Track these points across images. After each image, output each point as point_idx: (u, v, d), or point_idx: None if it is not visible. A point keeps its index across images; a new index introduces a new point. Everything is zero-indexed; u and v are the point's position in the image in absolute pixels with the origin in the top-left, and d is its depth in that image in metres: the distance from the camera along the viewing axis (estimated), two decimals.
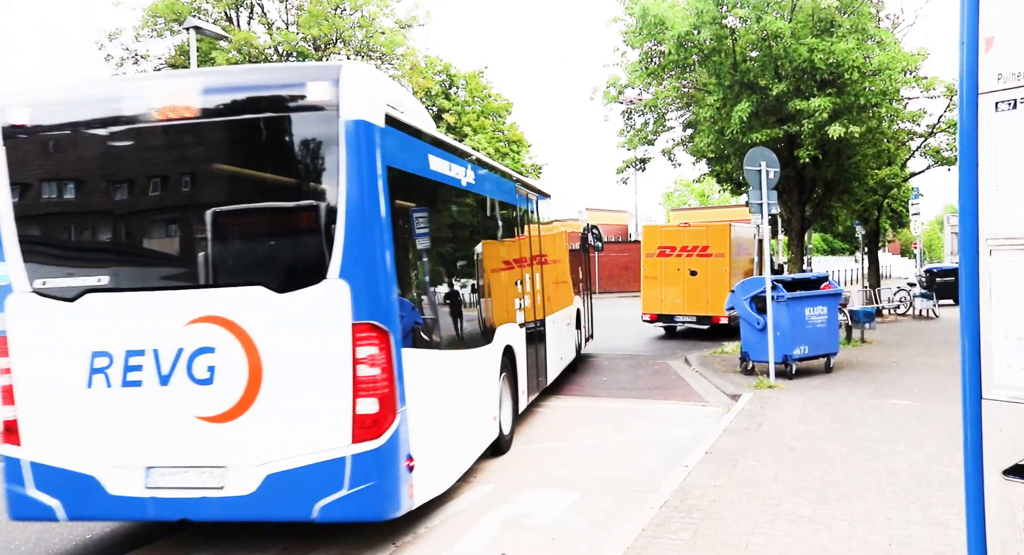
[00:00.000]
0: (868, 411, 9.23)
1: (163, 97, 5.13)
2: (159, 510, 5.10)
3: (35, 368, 5.25)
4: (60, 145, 5.37)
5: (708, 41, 15.26)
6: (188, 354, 5.02)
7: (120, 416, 5.12)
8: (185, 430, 5.03)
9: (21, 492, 5.22)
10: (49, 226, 5.45)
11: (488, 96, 42.17)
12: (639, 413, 10.03)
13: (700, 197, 68.02)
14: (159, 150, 5.29)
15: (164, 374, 5.04)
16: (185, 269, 5.27)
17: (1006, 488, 2.62)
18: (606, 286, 43.35)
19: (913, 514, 5.51)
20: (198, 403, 5.01)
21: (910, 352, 14.77)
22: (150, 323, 5.10)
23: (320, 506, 4.92)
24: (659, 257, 18.78)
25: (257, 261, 5.23)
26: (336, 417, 4.91)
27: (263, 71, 7.14)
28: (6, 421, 5.29)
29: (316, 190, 5.07)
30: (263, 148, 5.25)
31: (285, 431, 4.98)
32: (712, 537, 5.14)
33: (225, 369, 4.99)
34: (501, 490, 6.70)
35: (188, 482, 5.04)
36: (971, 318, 2.71)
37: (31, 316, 5.24)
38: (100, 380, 5.12)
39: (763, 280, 11.68)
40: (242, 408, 4.99)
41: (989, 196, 2.65)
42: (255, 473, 4.97)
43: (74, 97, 5.49)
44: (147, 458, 5.10)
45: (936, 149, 21.14)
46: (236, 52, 30.85)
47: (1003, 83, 2.59)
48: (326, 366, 4.94)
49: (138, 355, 5.07)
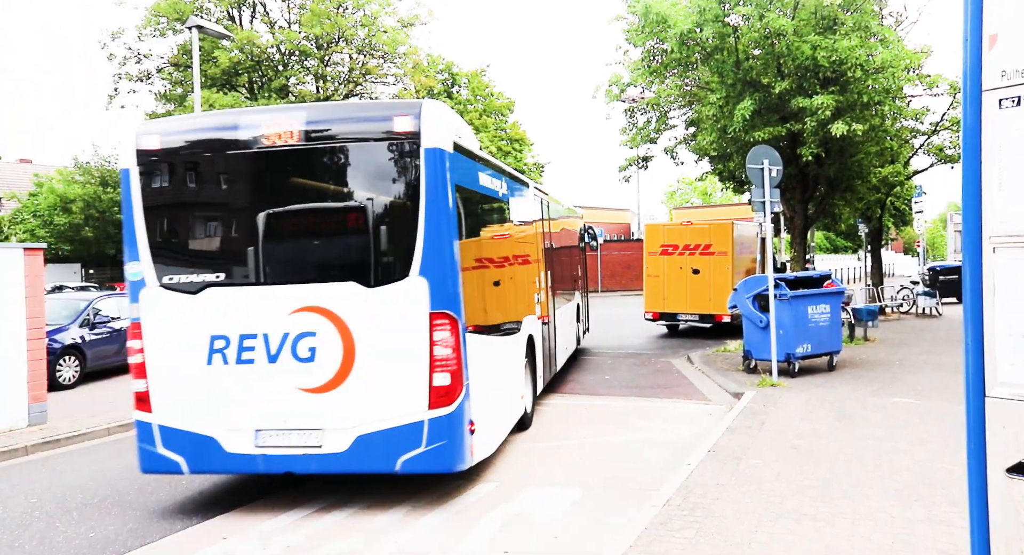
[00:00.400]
0: (871, 409, 9.22)
1: (272, 126, 6.24)
2: (267, 464, 6.21)
3: (163, 349, 6.32)
4: (184, 166, 6.53)
5: (710, 39, 15.23)
6: (293, 337, 6.12)
7: (235, 388, 6.21)
8: (289, 399, 6.12)
9: (152, 450, 6.36)
10: (174, 232, 6.63)
11: (490, 95, 42.15)
12: (642, 411, 10.03)
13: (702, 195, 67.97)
14: (267, 170, 6.44)
15: (272, 353, 6.15)
16: (290, 267, 6.36)
17: (1009, 486, 2.62)
18: (608, 285, 43.31)
19: (916, 512, 5.50)
20: (301, 377, 6.11)
21: (913, 350, 14.75)
22: (260, 312, 6.19)
23: (402, 460, 6.04)
24: (661, 255, 18.76)
25: (350, 262, 6.31)
26: (415, 388, 6.02)
27: (357, 106, 9.13)
28: (138, 392, 6.40)
29: (400, 204, 6.21)
30: (356, 169, 6.36)
31: (373, 400, 6.07)
32: (715, 535, 5.14)
33: (323, 349, 6.08)
34: (504, 488, 6.71)
35: (292, 442, 6.14)
36: (975, 316, 2.70)
37: (160, 306, 6.34)
38: (218, 358, 6.21)
39: (766, 278, 11.67)
40: (337, 381, 6.09)
41: (993, 194, 2.64)
42: (348, 434, 6.06)
43: (196, 126, 6.73)
44: (257, 422, 6.18)
45: (939, 147, 21.10)
46: (239, 51, 30.88)
47: (1007, 80, 2.58)
48: (408, 346, 6.04)
49: (251, 338, 6.17)
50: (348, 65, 33.52)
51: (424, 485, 6.85)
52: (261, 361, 6.15)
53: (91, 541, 5.79)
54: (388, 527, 5.84)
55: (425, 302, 6.00)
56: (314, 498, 6.66)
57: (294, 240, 6.46)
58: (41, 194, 38.11)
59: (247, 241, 6.42)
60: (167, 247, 6.50)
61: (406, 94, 34.08)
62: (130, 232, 6.45)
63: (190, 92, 29.50)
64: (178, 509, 6.49)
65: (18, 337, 9.78)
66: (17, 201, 38.44)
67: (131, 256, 6.46)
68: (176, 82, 33.32)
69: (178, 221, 6.65)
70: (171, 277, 6.35)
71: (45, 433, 9.42)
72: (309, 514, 6.25)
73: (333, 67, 33.79)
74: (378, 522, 5.97)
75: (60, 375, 12.88)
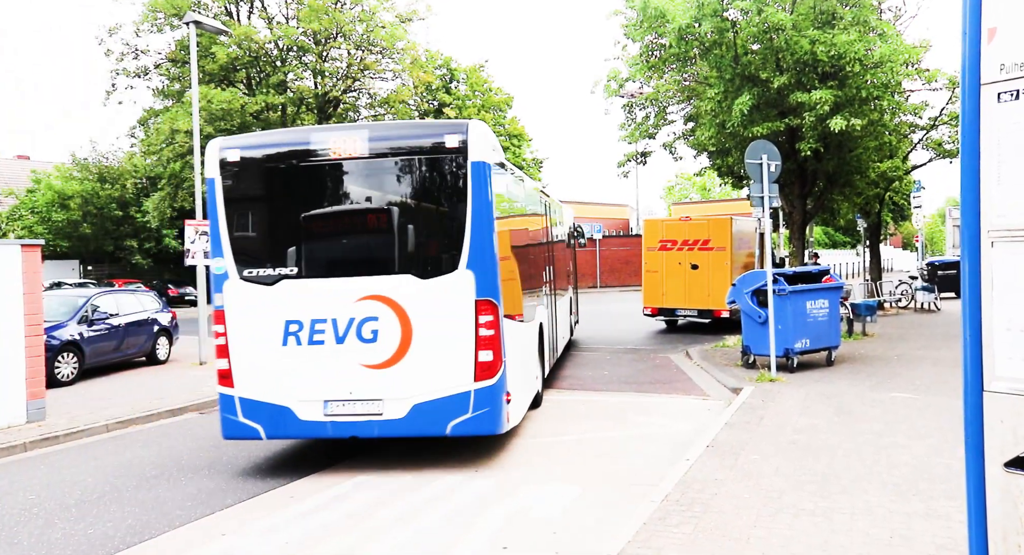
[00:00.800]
0: (869, 404, 9.23)
1: (339, 142, 7.21)
2: (335, 430, 7.18)
3: (244, 332, 7.26)
4: (261, 175, 7.53)
5: (709, 34, 15.20)
6: (358, 321, 7.11)
7: (306, 365, 7.14)
8: (354, 374, 7.10)
9: (234, 419, 7.32)
10: (253, 232, 7.54)
11: (489, 90, 42.07)
12: (640, 407, 10.04)
13: (701, 191, 67.93)
14: (334, 179, 7.42)
15: (340, 335, 7.11)
16: (354, 262, 7.33)
17: (1007, 480, 2.62)
18: (607, 280, 43.32)
19: (915, 507, 5.51)
20: (364, 355, 7.10)
21: (911, 345, 14.76)
22: (330, 300, 7.14)
23: (451, 425, 7.05)
24: (660, 251, 18.76)
25: (407, 257, 7.24)
26: (463, 364, 7.03)
27: (412, 125, 10.99)
28: (221, 370, 7.32)
29: (450, 208, 7.20)
30: (411, 178, 7.35)
31: (426, 374, 7.05)
32: (714, 530, 5.14)
33: (384, 332, 7.08)
34: (503, 484, 6.71)
35: (356, 410, 7.13)
36: (973, 310, 2.69)
37: (241, 296, 7.27)
38: (292, 340, 7.17)
39: (764, 273, 11.67)
40: (396, 359, 7.08)
41: (991, 188, 2.63)
42: (405, 403, 7.06)
43: (272, 141, 7.71)
44: (326, 394, 7.14)
45: (938, 142, 21.09)
46: (236, 46, 30.80)
47: (1006, 74, 2.57)
48: (456, 328, 7.04)
49: (321, 322, 7.14)
50: (346, 61, 33.45)
51: (422, 483, 6.86)
52: (330, 342, 7.12)
53: (90, 538, 5.79)
54: (388, 523, 5.85)
55: (471, 291, 7.03)
56: (313, 495, 6.67)
57: (357, 239, 7.49)
58: (39, 190, 38.05)
59: (317, 240, 7.48)
60: (247, 245, 7.43)
61: (403, 89, 34.02)
62: (215, 232, 7.37)
63: (188, 88, 29.45)
64: (176, 506, 6.50)
65: (16, 334, 9.76)
66: (15, 197, 38.38)
67: (215, 253, 7.37)
68: (174, 78, 33.27)
69: (256, 222, 7.61)
70: (250, 271, 7.30)
71: (43, 430, 9.41)
72: (308, 511, 6.25)
73: (331, 63, 33.72)
74: (378, 519, 5.97)
75: (58, 372, 12.87)
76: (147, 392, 12.04)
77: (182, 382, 13.01)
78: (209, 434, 9.35)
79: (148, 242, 39.59)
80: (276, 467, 7.65)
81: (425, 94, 38.33)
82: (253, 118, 31.38)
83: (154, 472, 7.63)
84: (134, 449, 8.71)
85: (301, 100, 33.48)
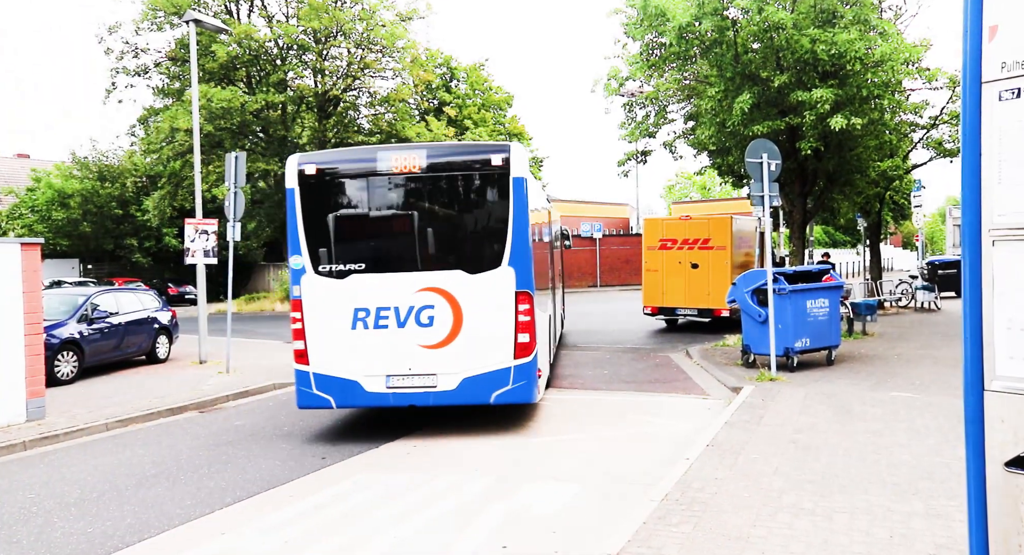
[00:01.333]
0: (870, 403, 9.22)
1: (401, 159, 8.47)
2: (396, 400, 8.45)
3: (318, 318, 8.49)
4: (334, 186, 8.74)
5: (709, 32, 15.18)
6: (416, 309, 8.38)
7: (372, 345, 8.41)
8: (413, 353, 8.39)
9: (308, 391, 8.54)
10: (327, 234, 8.59)
11: (489, 89, 42.03)
12: (640, 406, 10.03)
13: (701, 190, 67.89)
14: (397, 190, 8.70)
15: (401, 321, 8.40)
16: (413, 260, 8.54)
17: (1008, 480, 2.61)
18: (607, 279, 43.32)
19: (915, 506, 5.50)
20: (421, 337, 8.38)
21: (912, 344, 14.76)
22: (392, 291, 8.42)
23: (495, 395, 8.37)
24: (660, 250, 18.74)
25: (458, 256, 8.56)
26: (504, 344, 8.37)
27: (463, 146, 12.31)
28: (297, 350, 8.56)
29: (495, 216, 8.50)
30: (462, 190, 8.72)
31: (474, 353, 8.36)
32: (714, 530, 5.14)
33: (439, 318, 8.38)
34: (503, 482, 6.71)
35: (414, 383, 8.41)
36: (974, 309, 2.69)
37: (316, 288, 8.51)
38: (360, 324, 8.42)
39: (764, 272, 11.66)
40: (448, 340, 8.38)
41: (992, 187, 2.62)
42: (455, 377, 8.37)
43: (344, 157, 9.30)
44: (388, 369, 8.41)
45: (938, 141, 21.06)
46: (236, 45, 30.77)
47: (1007, 72, 2.56)
48: (499, 315, 8.36)
49: (385, 310, 8.42)
50: (346, 59, 33.40)
51: (421, 482, 6.85)
52: (392, 326, 8.40)
53: (89, 536, 5.79)
54: (387, 522, 5.84)
55: (512, 284, 8.37)
56: (312, 494, 6.66)
57: (416, 240, 8.61)
58: (39, 189, 38.02)
59: (381, 240, 8.75)
60: (321, 245, 8.56)
61: (404, 88, 33.97)
62: (293, 234, 8.55)
63: (188, 86, 29.41)
64: (176, 505, 6.49)
65: (16, 332, 9.76)
66: (15, 196, 38.35)
67: (294, 251, 8.56)
68: (174, 76, 33.22)
69: (330, 225, 8.63)
70: (324, 267, 8.52)
71: (43, 429, 9.41)
72: (308, 510, 6.24)
73: (331, 61, 33.67)
74: (377, 517, 5.97)
75: (58, 370, 12.86)
76: (147, 391, 12.03)
77: (182, 381, 13.01)
78: (209, 433, 9.35)
79: (148, 241, 39.58)
80: (275, 466, 7.65)
81: (425, 93, 38.31)
82: (253, 116, 31.35)
83: (154, 471, 7.62)
84: (134, 448, 8.71)
85: (301, 99, 33.46)
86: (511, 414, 9.42)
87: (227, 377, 13.23)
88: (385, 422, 9.49)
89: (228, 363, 13.85)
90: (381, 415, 9.89)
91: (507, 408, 9.31)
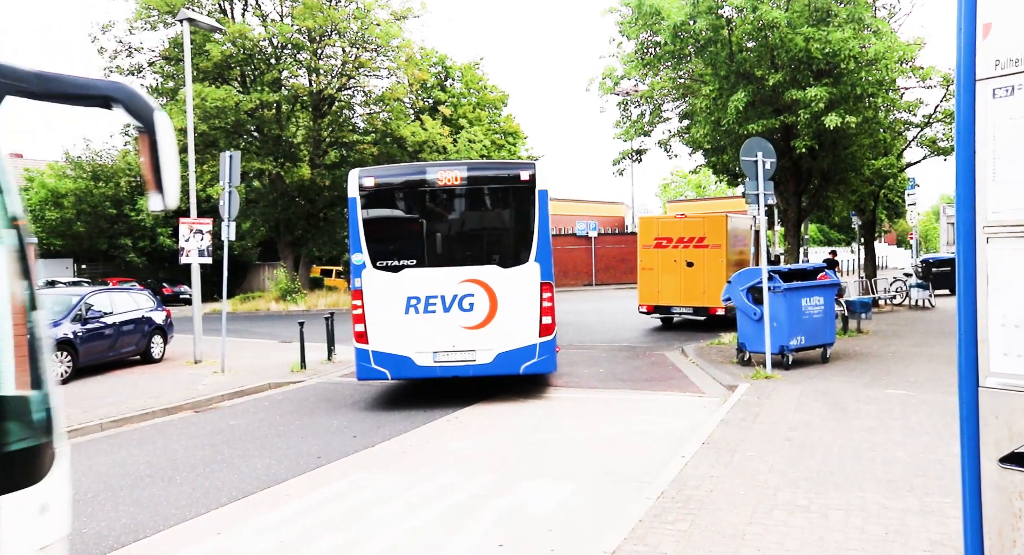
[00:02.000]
0: (864, 401, 9.25)
1: (446, 174, 10.17)
2: (442, 372, 10.14)
3: (376, 305, 10.06)
4: (389, 196, 10.47)
5: (704, 31, 15.20)
6: (459, 297, 10.08)
7: (422, 327, 9.99)
8: (456, 333, 10.06)
9: (368, 365, 10.14)
10: (383, 235, 10.24)
11: (484, 88, 41.99)
12: (636, 404, 10.04)
13: (696, 188, 67.96)
14: (442, 199, 10.49)
15: (446, 307, 10.07)
16: (457, 256, 10.37)
17: (1002, 476, 2.62)
18: (603, 278, 43.37)
19: (909, 503, 5.52)
20: (463, 320, 10.07)
21: (906, 342, 14.80)
22: (439, 282, 10.08)
23: (523, 366, 10.11)
24: (656, 248, 18.76)
25: (493, 253, 10.41)
26: (531, 325, 10.10)
27: (498, 164, 14.56)
28: (358, 331, 10.15)
29: (522, 220, 10.29)
30: (496, 199, 10.63)
31: (506, 332, 10.07)
32: (709, 527, 5.15)
33: (477, 304, 10.08)
34: (499, 481, 6.71)
35: (456, 358, 10.10)
36: (968, 306, 2.70)
37: (374, 280, 10.09)
38: (412, 310, 10.01)
39: (760, 271, 11.68)
40: (485, 322, 10.09)
41: (986, 184, 2.63)
42: (491, 353, 10.09)
43: (397, 172, 10.91)
44: (435, 347, 10.07)
45: (932, 139, 21.13)
46: (231, 44, 30.69)
47: (1001, 69, 2.57)
48: (527, 302, 10.10)
49: (433, 298, 10.06)
50: (341, 58, 33.35)
51: (416, 481, 6.85)
52: (439, 311, 10.05)
53: (83, 537, 5.77)
54: (383, 521, 5.84)
55: (537, 276, 10.14)
56: (307, 493, 6.66)
57: (458, 240, 10.59)
58: (32, 189, 37.88)
59: (430, 241, 10.44)
60: (378, 244, 10.12)
61: (399, 87, 33.94)
62: (355, 235, 10.15)
63: (182, 86, 29.32)
64: (171, 505, 6.48)
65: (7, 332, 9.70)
66: None
67: (355, 249, 10.14)
68: (168, 76, 33.13)
69: (385, 229, 10.33)
70: (381, 262, 10.11)
71: None
72: (303, 509, 6.24)
73: (326, 60, 33.62)
74: (373, 517, 5.96)
75: None
76: (141, 391, 12.00)
77: (177, 381, 12.97)
78: (204, 432, 9.33)
79: (142, 240, 39.49)
80: (270, 466, 7.63)
81: (420, 92, 38.27)
82: (248, 116, 31.29)
83: (149, 471, 7.60)
84: (128, 448, 8.68)
85: (296, 98, 33.39)
86: (506, 411, 9.42)
87: (222, 377, 13.21)
88: (381, 422, 9.49)
89: (223, 363, 13.82)
90: (379, 414, 9.89)
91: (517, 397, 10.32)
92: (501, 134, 41.43)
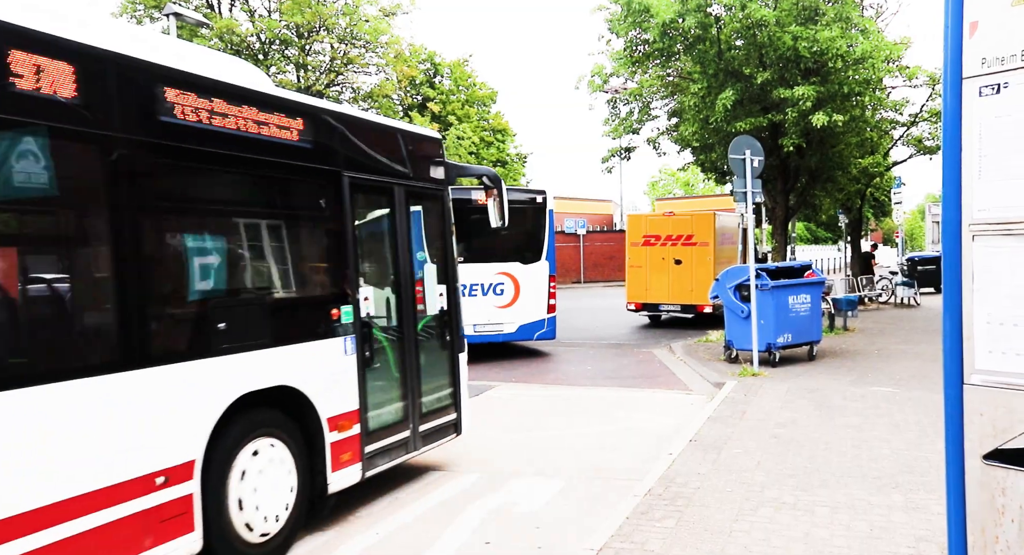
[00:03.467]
0: (851, 398, 9.30)
1: (480, 196, 10.76)
2: (480, 339, 13.27)
3: None
4: None
5: (693, 29, 15.23)
6: (493, 284, 13.47)
7: (466, 307, 10.55)
8: (490, 311, 13.43)
9: None
10: None
11: (473, 85, 41.91)
12: (623, 402, 10.06)
13: (685, 186, 68.17)
14: (477, 215, 11.23)
15: (485, 291, 13.42)
16: (492, 255, 13.38)
17: (986, 473, 2.64)
18: (591, 276, 43.42)
19: (895, 500, 5.55)
20: (496, 301, 13.48)
21: (892, 340, 14.91)
22: (479, 273, 13.28)
23: (536, 334, 13.90)
24: (644, 246, 18.81)
25: (517, 253, 13.69)
26: (542, 306, 13.82)
27: (519, 189, 16.27)
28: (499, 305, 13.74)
29: (536, 231, 13.85)
30: (519, 215, 12.23)
31: (526, 310, 13.65)
32: (696, 524, 5.16)
33: (506, 290, 13.51)
34: (486, 479, 6.70)
35: (490, 329, 13.43)
36: (953, 304, 2.71)
37: None
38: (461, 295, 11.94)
39: (747, 268, 11.72)
40: (511, 303, 13.58)
41: (972, 182, 2.64)
42: (515, 325, 13.64)
43: None
44: (475, 320, 12.99)
45: (918, 138, 21.29)
46: (218, 39, 30.49)
47: (987, 68, 2.58)
48: (540, 289, 13.77)
49: (475, 285, 13.32)
50: (329, 54, 33.19)
51: (403, 479, 6.83)
52: (479, 295, 13.33)
53: None
54: (369, 517, 5.81)
55: (547, 270, 13.85)
56: None
57: (493, 243, 13.13)
58: None
59: (471, 243, 12.87)
60: None
61: (387, 84, 33.83)
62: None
63: None
64: None
65: None
66: None
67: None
68: None
69: None
70: None
71: None
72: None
73: (314, 56, 33.44)
74: (357, 514, 5.94)
75: None
76: None
77: None
78: None
79: None
80: None
81: (409, 88, 38.16)
82: None
83: None
84: None
85: None
86: (495, 408, 9.40)
87: None
88: None
89: None
90: None
91: (505, 394, 10.00)
92: (490, 131, 41.37)
